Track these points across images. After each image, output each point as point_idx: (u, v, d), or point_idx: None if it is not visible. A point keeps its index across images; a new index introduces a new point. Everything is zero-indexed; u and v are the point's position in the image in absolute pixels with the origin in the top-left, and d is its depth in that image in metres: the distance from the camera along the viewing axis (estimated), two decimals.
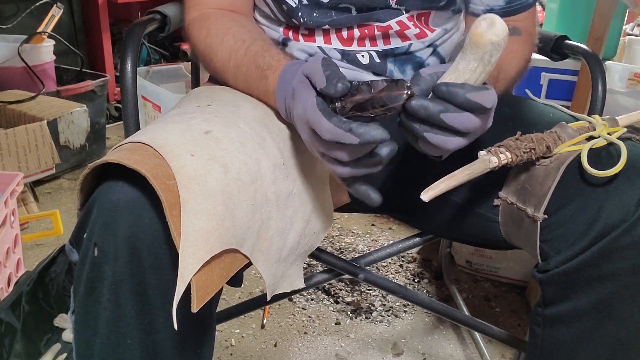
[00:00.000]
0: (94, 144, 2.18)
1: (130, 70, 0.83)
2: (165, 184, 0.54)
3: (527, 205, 0.69)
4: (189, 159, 0.57)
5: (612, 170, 0.61)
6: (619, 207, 0.61)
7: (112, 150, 0.61)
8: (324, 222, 0.76)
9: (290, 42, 0.83)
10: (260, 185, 0.63)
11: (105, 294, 0.56)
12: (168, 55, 2.85)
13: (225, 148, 0.61)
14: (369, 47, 0.82)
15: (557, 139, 0.67)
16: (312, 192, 0.72)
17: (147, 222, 0.56)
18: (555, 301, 0.68)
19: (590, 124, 0.69)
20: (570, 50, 1.00)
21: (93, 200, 0.58)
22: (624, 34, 2.06)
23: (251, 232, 0.61)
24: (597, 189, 0.64)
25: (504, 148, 0.64)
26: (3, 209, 1.27)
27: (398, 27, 0.80)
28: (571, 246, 0.64)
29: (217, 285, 0.58)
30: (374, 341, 1.34)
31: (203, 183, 0.56)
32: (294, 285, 0.71)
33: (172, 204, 0.54)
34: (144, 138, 0.59)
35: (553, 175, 0.66)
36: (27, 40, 2.10)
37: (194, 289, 0.54)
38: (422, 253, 1.69)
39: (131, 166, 0.54)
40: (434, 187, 0.59)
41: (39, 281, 1.16)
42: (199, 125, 0.63)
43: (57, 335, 1.16)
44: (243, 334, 1.34)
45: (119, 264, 0.55)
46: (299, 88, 0.62)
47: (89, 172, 0.58)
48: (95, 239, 0.56)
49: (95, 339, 0.57)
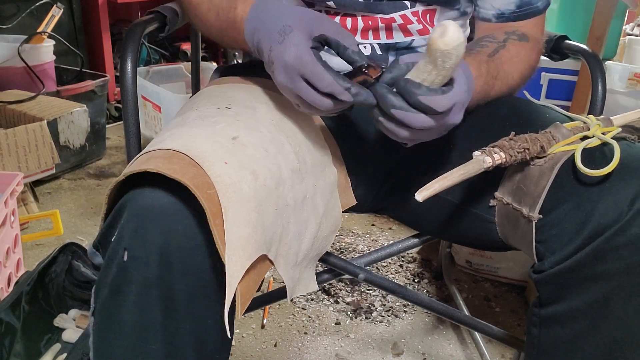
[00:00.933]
0: (94, 144, 2.18)
1: (130, 70, 0.83)
2: (206, 193, 0.55)
3: (522, 205, 0.69)
4: (223, 167, 0.57)
5: (605, 169, 0.61)
6: (613, 206, 0.61)
7: (142, 157, 0.60)
8: (333, 225, 0.76)
9: None
10: (283, 190, 0.63)
11: (131, 298, 0.56)
12: (168, 55, 2.85)
13: (252, 154, 0.62)
14: (372, 40, 0.83)
15: (551, 139, 0.66)
16: (323, 195, 0.73)
17: (180, 230, 0.56)
18: (550, 301, 0.68)
19: (585, 124, 0.69)
20: (570, 50, 1.00)
21: (122, 205, 0.57)
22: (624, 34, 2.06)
23: (275, 237, 0.62)
24: (590, 188, 0.64)
25: (498, 148, 0.64)
26: (3, 209, 1.27)
27: (402, 20, 0.81)
28: (565, 246, 0.64)
29: (253, 290, 0.59)
30: (374, 341, 1.34)
31: (238, 191, 0.57)
32: (309, 288, 0.72)
33: (214, 213, 0.54)
34: (174, 145, 0.59)
35: (547, 175, 0.66)
36: (27, 40, 2.10)
37: (238, 295, 0.55)
38: (422, 253, 1.69)
39: (172, 176, 0.54)
40: (428, 187, 0.60)
41: (39, 281, 1.16)
42: (224, 130, 0.63)
43: (57, 335, 1.16)
44: (243, 334, 1.34)
45: (150, 269, 0.55)
46: (294, 32, 0.63)
47: (123, 178, 0.58)
48: (125, 244, 0.55)
49: (118, 342, 0.57)
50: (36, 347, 1.11)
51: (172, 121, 0.73)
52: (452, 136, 0.79)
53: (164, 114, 2.14)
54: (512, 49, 0.79)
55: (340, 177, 0.78)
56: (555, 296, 0.67)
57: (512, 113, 0.79)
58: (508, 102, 0.82)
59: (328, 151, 0.77)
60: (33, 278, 1.14)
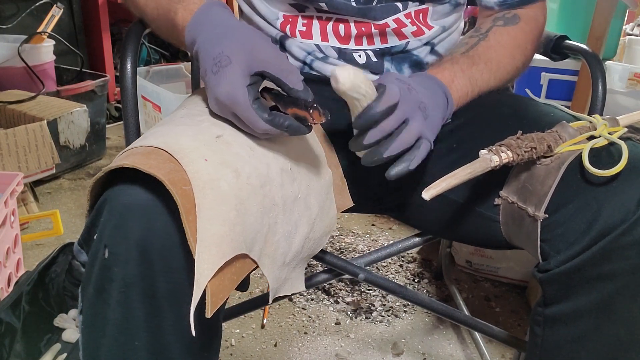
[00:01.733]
0: (94, 144, 2.18)
1: (130, 70, 0.83)
2: (181, 190, 0.54)
3: (527, 204, 0.69)
4: (202, 163, 0.57)
5: (614, 169, 0.61)
6: (619, 206, 0.61)
7: (124, 154, 0.60)
8: (327, 227, 0.76)
9: (288, 40, 0.83)
10: (269, 190, 0.63)
11: (114, 296, 0.56)
12: (168, 55, 2.85)
13: (236, 152, 0.61)
14: (366, 46, 0.82)
15: (557, 139, 0.67)
16: (317, 196, 0.72)
17: (159, 226, 0.55)
18: (555, 301, 0.68)
19: (591, 123, 0.69)
20: (570, 50, 1.00)
21: (102, 202, 0.57)
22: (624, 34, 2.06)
23: (259, 236, 0.62)
24: (597, 188, 0.64)
25: (505, 147, 0.64)
26: (3, 209, 1.27)
27: (395, 24, 0.81)
28: (571, 246, 0.64)
29: (229, 289, 0.58)
30: (374, 341, 1.34)
31: (216, 188, 0.56)
32: (295, 288, 0.71)
33: (188, 209, 0.54)
34: (156, 142, 0.59)
35: (554, 174, 0.66)
36: (27, 40, 2.10)
37: (208, 294, 0.54)
38: (422, 253, 1.69)
39: (147, 171, 0.54)
40: (435, 186, 0.60)
41: (39, 281, 1.16)
42: (209, 129, 0.63)
43: (57, 335, 1.16)
44: (243, 334, 1.34)
45: (130, 266, 0.55)
46: (230, 67, 0.61)
47: (103, 175, 0.58)
48: (105, 241, 0.55)
49: (103, 340, 0.57)
50: (36, 347, 1.11)
51: (162, 120, 0.73)
52: (455, 136, 0.79)
53: (164, 114, 2.14)
54: (493, 38, 0.80)
55: (335, 178, 0.78)
56: (560, 296, 0.67)
57: (517, 112, 0.79)
58: (512, 102, 0.82)
59: (323, 152, 0.77)
60: (33, 278, 1.14)
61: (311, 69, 0.84)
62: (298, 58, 0.84)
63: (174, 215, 0.55)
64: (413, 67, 0.85)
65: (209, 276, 0.54)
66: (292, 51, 0.83)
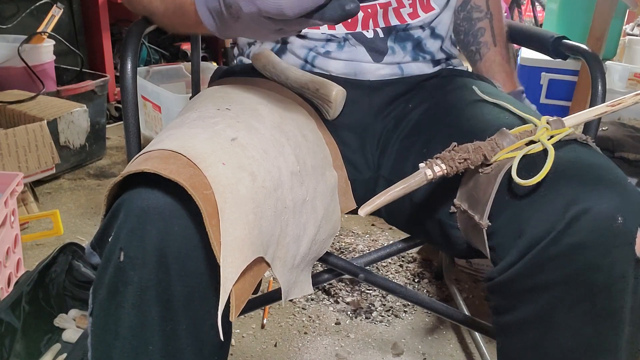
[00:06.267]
0: (94, 144, 2.18)
1: (130, 70, 0.83)
2: (202, 194, 0.54)
3: (474, 212, 0.68)
4: (221, 168, 0.57)
5: (534, 179, 0.59)
6: (545, 217, 0.59)
7: (140, 157, 0.60)
8: (332, 228, 0.76)
9: (290, 39, 0.84)
10: (281, 193, 0.63)
11: (129, 299, 0.55)
12: (168, 55, 2.85)
13: (252, 156, 0.61)
14: (372, 28, 0.85)
15: (495, 147, 0.65)
16: (323, 199, 0.73)
17: (177, 230, 0.55)
18: (502, 310, 0.66)
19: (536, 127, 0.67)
20: (570, 51, 1.00)
21: (119, 205, 0.57)
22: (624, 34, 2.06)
23: (273, 239, 0.62)
24: (524, 198, 0.62)
25: (440, 160, 0.63)
26: (3, 209, 1.27)
27: (396, 4, 0.84)
28: (508, 256, 0.62)
29: (249, 292, 0.58)
30: (374, 341, 1.34)
31: (235, 192, 0.56)
32: (304, 291, 0.71)
33: (210, 213, 0.54)
34: (172, 145, 0.59)
35: (492, 182, 0.65)
36: (27, 40, 2.10)
37: (232, 298, 0.54)
38: (422, 253, 1.69)
39: (168, 176, 0.54)
40: (370, 203, 0.60)
41: (39, 281, 1.16)
42: (224, 131, 0.63)
43: (57, 335, 1.16)
44: (243, 334, 1.34)
45: (146, 270, 0.55)
46: None
47: (121, 179, 0.58)
48: (121, 244, 0.55)
49: (116, 343, 0.57)
50: (36, 347, 1.11)
51: (173, 122, 0.72)
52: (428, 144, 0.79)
53: (164, 114, 2.14)
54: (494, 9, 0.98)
55: (340, 180, 0.78)
56: (506, 305, 0.65)
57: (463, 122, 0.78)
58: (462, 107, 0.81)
59: (329, 154, 0.77)
60: (33, 278, 1.14)
61: (313, 66, 0.84)
62: (299, 56, 0.84)
63: (192, 219, 0.55)
64: (415, 47, 0.88)
65: (234, 279, 0.54)
66: (294, 50, 0.84)
